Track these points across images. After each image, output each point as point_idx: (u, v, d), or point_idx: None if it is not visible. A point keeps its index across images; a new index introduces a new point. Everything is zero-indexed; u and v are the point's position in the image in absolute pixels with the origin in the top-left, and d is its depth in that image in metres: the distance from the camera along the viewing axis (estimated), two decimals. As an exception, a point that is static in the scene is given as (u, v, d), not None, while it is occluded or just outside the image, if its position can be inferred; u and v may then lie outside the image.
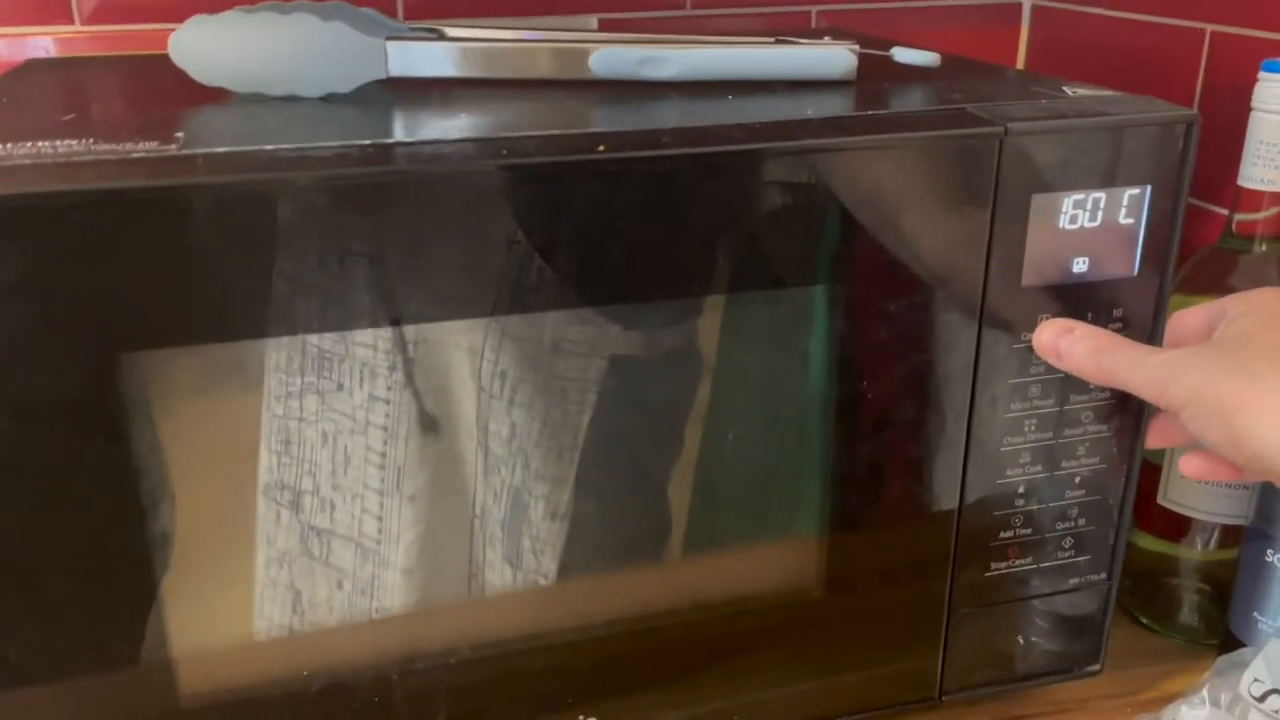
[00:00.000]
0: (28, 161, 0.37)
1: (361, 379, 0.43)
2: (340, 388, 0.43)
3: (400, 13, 0.71)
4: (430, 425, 0.45)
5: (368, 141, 0.40)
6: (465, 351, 0.44)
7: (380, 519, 0.46)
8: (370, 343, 0.43)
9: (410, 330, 0.43)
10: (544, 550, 0.48)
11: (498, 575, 0.47)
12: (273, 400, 0.43)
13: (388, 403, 0.44)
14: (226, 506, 0.45)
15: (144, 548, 0.41)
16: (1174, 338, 0.47)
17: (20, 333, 0.37)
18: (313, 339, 0.42)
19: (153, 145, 0.39)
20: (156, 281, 0.38)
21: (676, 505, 0.49)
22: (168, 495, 0.41)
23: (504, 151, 0.40)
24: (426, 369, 0.44)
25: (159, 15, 0.68)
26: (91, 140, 0.39)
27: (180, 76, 0.47)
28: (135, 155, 0.38)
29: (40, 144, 0.39)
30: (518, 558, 0.47)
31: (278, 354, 0.42)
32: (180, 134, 0.40)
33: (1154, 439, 0.49)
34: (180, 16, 0.67)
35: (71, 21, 0.67)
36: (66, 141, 0.39)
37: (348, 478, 0.45)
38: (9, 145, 0.39)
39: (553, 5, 0.74)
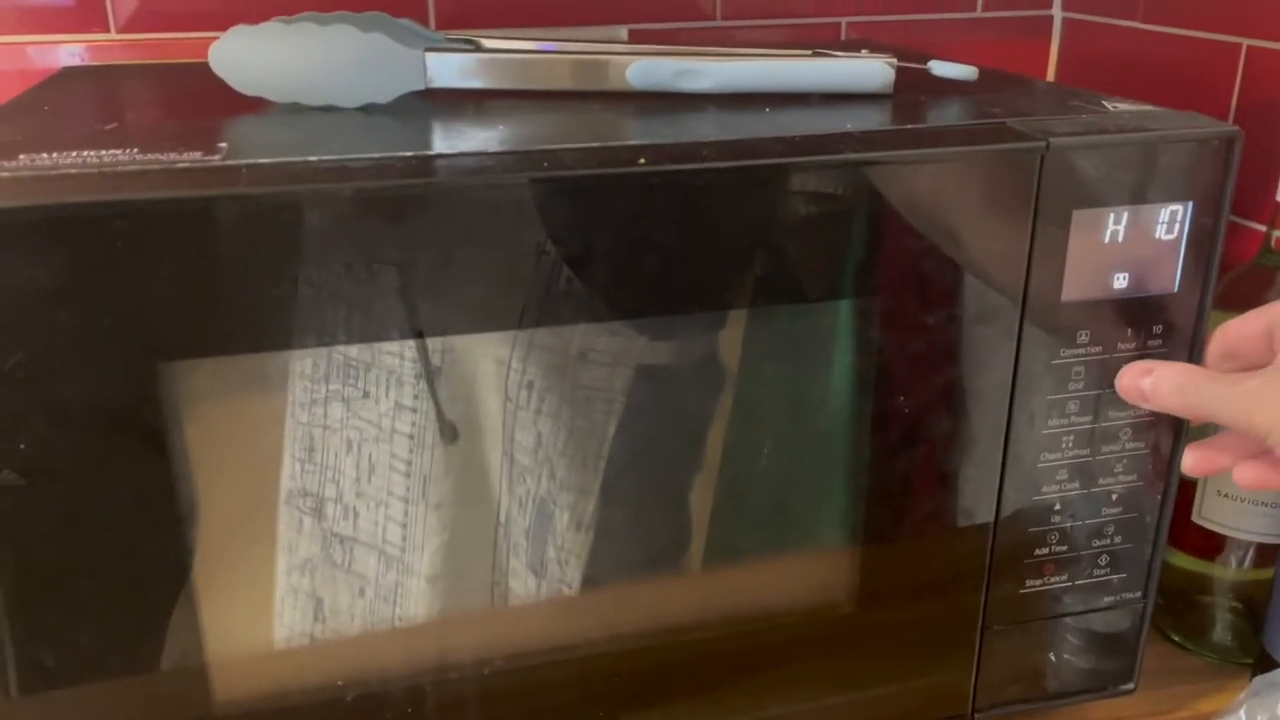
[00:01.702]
0: (73, 171, 0.37)
1: (388, 387, 0.43)
2: (366, 395, 0.43)
3: (432, 22, 0.71)
4: (456, 434, 0.45)
5: (410, 153, 0.40)
6: (492, 361, 0.44)
7: (405, 526, 0.46)
8: (397, 351, 0.43)
9: (438, 339, 0.43)
10: (568, 560, 0.48)
11: (522, 584, 0.48)
12: (297, 407, 0.43)
13: (414, 410, 0.44)
14: (259, 513, 0.45)
15: (178, 554, 0.41)
16: (1231, 346, 0.47)
17: (61, 340, 0.37)
18: (339, 346, 0.42)
19: (196, 155, 0.39)
20: (198, 291, 0.38)
21: (702, 517, 0.49)
22: (201, 501, 0.41)
23: (545, 164, 0.40)
24: (453, 378, 0.44)
25: (193, 24, 0.68)
26: (135, 150, 0.40)
27: (216, 85, 0.47)
28: (180, 165, 0.38)
29: (85, 153, 0.39)
30: (542, 567, 0.47)
31: (303, 361, 0.42)
32: (223, 144, 0.41)
33: (1193, 468, 0.48)
34: (213, 25, 0.67)
35: (107, 29, 0.67)
36: (111, 151, 0.39)
37: (372, 485, 0.45)
38: (55, 155, 0.39)
39: (582, 16, 0.74)
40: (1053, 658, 0.53)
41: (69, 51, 0.67)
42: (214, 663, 0.43)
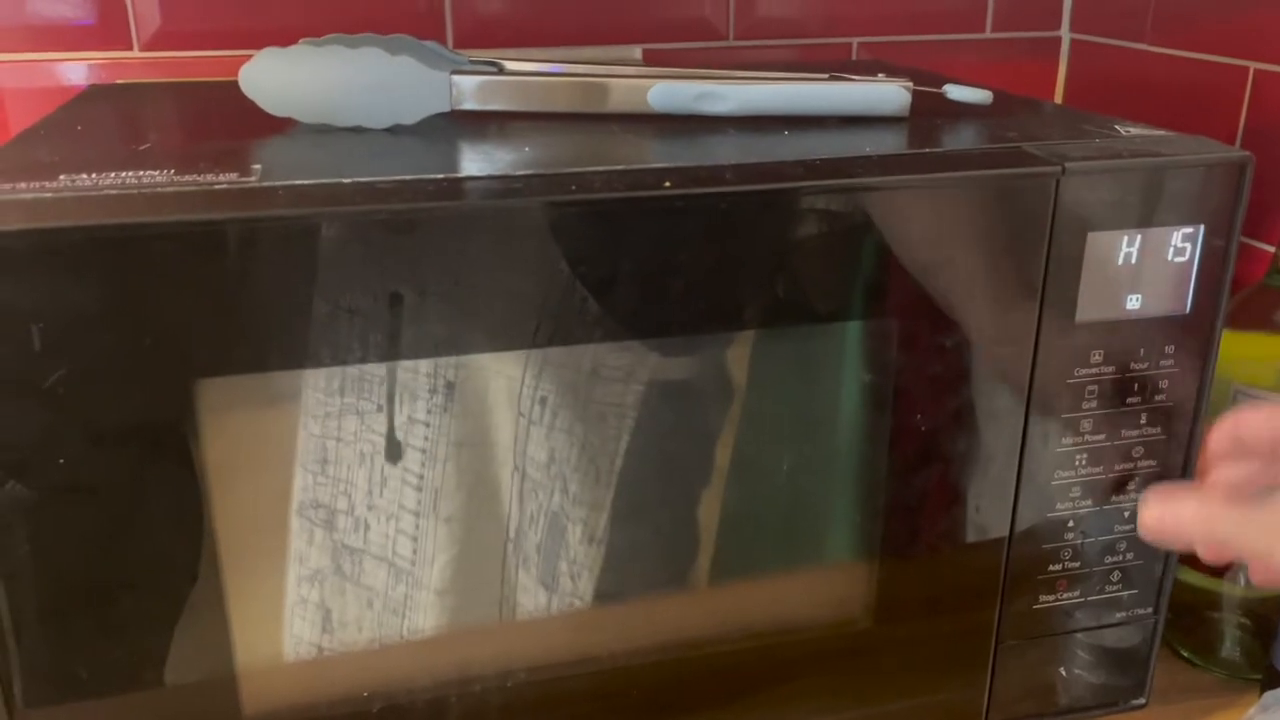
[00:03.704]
0: (114, 192, 0.38)
1: (401, 401, 0.44)
2: (380, 409, 0.44)
3: (450, 41, 0.72)
4: (468, 449, 0.46)
5: (440, 175, 0.41)
6: (505, 376, 0.45)
7: (415, 540, 0.46)
8: (411, 366, 0.43)
9: (455, 356, 0.44)
10: (581, 574, 0.48)
11: (531, 598, 0.48)
12: (310, 420, 0.43)
13: (427, 425, 0.44)
14: (283, 524, 0.45)
15: (209, 566, 0.42)
16: (1247, 442, 0.43)
17: (100, 360, 0.38)
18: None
19: (233, 177, 0.40)
20: (235, 309, 0.39)
21: (716, 531, 0.49)
22: (229, 515, 0.42)
23: (573, 187, 0.41)
24: (467, 393, 0.44)
25: (213, 43, 0.69)
26: (172, 171, 0.40)
27: (240, 104, 0.48)
28: (218, 187, 0.39)
29: (124, 174, 0.40)
30: (554, 581, 0.48)
31: (317, 375, 0.42)
32: (257, 165, 0.41)
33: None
34: (233, 44, 0.69)
35: (130, 47, 0.68)
36: (148, 172, 0.40)
37: (383, 498, 0.45)
38: (93, 175, 0.40)
39: (598, 36, 0.75)
40: (1065, 673, 0.54)
41: (91, 69, 0.68)
42: (243, 674, 0.43)
